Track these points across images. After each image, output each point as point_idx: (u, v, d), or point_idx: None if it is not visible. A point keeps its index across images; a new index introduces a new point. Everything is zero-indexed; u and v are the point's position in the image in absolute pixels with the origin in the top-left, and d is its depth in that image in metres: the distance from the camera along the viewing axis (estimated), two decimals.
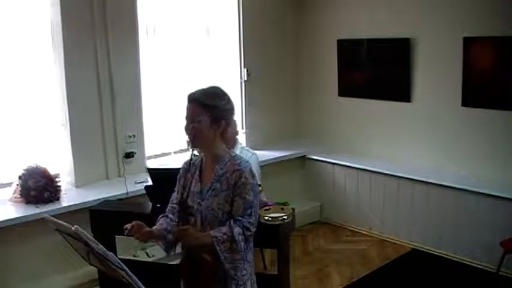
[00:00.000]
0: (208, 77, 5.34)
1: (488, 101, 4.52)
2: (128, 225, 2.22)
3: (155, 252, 4.20)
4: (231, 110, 2.29)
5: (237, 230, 2.16)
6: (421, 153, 5.08)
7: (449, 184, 4.57)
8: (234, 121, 3.73)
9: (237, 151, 3.83)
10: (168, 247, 2.33)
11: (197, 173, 2.33)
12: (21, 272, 3.93)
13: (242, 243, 2.17)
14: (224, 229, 2.17)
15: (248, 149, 4.10)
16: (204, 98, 2.22)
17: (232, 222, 2.18)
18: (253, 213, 2.21)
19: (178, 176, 2.41)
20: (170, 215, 2.38)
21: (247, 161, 2.30)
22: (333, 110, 5.84)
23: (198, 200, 2.27)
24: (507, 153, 4.49)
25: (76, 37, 4.27)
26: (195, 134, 2.21)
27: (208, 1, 5.31)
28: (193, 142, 2.24)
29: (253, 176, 2.24)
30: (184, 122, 2.26)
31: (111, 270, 1.87)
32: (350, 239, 5.25)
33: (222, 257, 2.16)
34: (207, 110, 2.20)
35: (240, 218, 2.19)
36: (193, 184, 2.31)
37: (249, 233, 2.21)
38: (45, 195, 4.02)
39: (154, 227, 2.31)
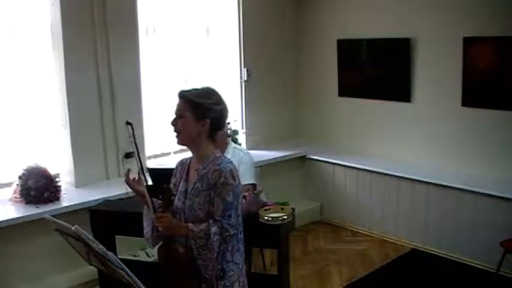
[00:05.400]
0: (208, 77, 5.34)
1: (488, 101, 4.52)
2: (130, 174, 2.28)
3: (155, 252, 4.20)
4: (219, 112, 2.24)
5: (214, 229, 2.14)
6: (421, 153, 5.08)
7: (449, 184, 4.57)
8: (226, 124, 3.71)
9: (230, 151, 3.81)
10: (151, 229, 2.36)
11: (185, 172, 2.35)
12: (21, 272, 3.93)
13: (217, 243, 2.14)
14: (203, 225, 2.16)
15: (241, 148, 4.08)
16: (191, 94, 2.23)
17: (211, 221, 2.17)
18: (232, 215, 2.18)
19: (173, 175, 2.45)
20: None
21: (230, 162, 2.27)
22: (333, 110, 5.83)
23: (183, 199, 2.28)
24: (507, 153, 4.49)
25: (76, 37, 4.28)
26: (179, 129, 2.23)
27: (208, 1, 5.31)
28: (178, 138, 2.26)
29: (234, 177, 2.20)
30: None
31: (111, 270, 1.87)
32: (350, 239, 5.24)
33: (196, 252, 2.16)
34: (191, 107, 2.20)
35: (219, 219, 2.17)
36: (181, 183, 2.34)
37: (228, 234, 2.17)
38: (45, 195, 4.02)
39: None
